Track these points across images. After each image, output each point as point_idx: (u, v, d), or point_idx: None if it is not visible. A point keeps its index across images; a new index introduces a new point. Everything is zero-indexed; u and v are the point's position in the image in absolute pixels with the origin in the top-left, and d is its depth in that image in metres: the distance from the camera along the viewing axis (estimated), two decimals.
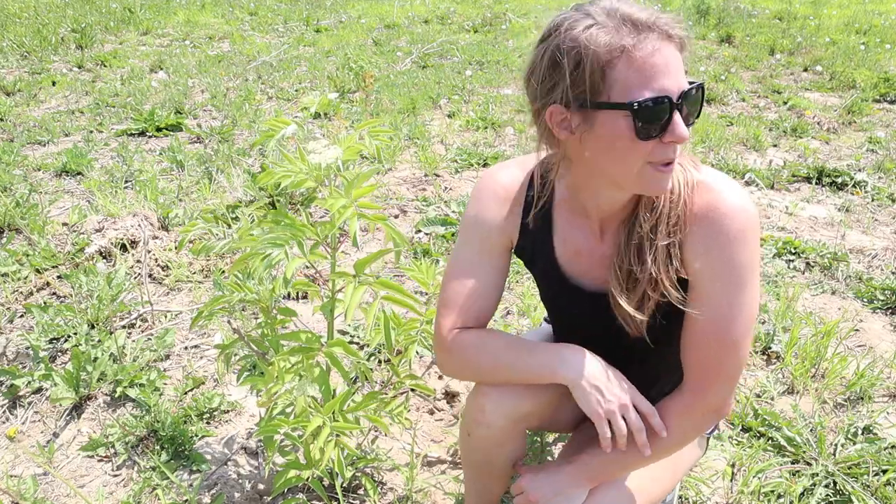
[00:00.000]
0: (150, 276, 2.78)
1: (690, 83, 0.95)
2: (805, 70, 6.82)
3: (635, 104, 0.91)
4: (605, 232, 1.15)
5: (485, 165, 4.08)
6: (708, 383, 1.10)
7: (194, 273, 2.81)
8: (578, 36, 0.93)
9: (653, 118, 0.92)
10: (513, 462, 1.36)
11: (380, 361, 2.25)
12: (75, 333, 2.29)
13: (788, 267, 2.92)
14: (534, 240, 1.21)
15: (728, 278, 1.03)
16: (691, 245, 1.04)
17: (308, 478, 1.47)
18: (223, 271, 2.77)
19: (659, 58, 0.91)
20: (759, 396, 2.11)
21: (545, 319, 1.62)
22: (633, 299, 1.10)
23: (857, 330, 2.49)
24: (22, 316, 2.51)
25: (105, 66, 6.98)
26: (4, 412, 2.05)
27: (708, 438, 1.40)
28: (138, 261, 2.83)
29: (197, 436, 1.93)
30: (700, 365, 1.10)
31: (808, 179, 3.93)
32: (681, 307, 1.09)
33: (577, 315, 1.25)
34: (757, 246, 1.03)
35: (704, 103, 0.93)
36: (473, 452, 1.36)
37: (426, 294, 1.61)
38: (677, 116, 0.93)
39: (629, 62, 0.91)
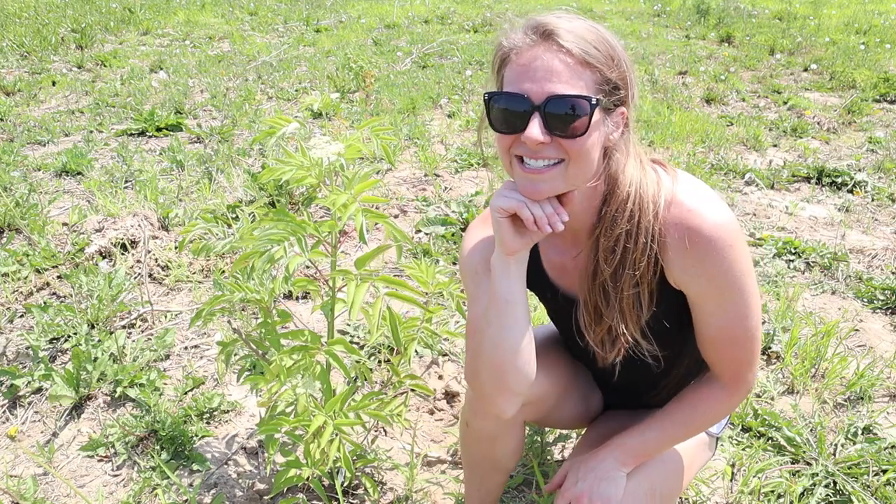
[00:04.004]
0: (150, 276, 2.78)
1: (578, 96, 0.94)
2: (805, 70, 6.82)
3: (486, 94, 1.01)
4: (578, 244, 1.16)
5: (485, 166, 4.08)
6: (741, 374, 1.15)
7: (194, 273, 2.81)
8: (498, 37, 1.03)
9: (505, 112, 0.99)
10: (511, 458, 1.36)
11: (379, 361, 2.24)
12: (75, 333, 2.28)
13: (788, 267, 2.92)
14: (529, 266, 1.20)
15: (732, 288, 1.05)
16: (682, 267, 1.05)
17: (308, 477, 1.47)
18: (223, 271, 2.77)
19: (533, 62, 0.96)
20: (759, 396, 2.11)
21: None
22: (599, 333, 1.13)
23: (857, 330, 2.49)
24: (22, 316, 2.51)
25: (105, 66, 6.98)
26: (4, 412, 2.05)
27: (717, 439, 1.40)
28: (138, 261, 2.83)
29: (197, 436, 1.93)
30: (728, 362, 1.14)
31: (808, 179, 3.93)
32: (644, 357, 1.13)
33: (575, 329, 1.25)
34: (746, 248, 1.05)
35: (592, 118, 0.95)
36: (472, 445, 1.37)
37: (426, 294, 1.61)
38: (535, 118, 0.95)
39: (514, 62, 0.99)
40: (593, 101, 0.95)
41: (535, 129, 0.95)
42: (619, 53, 0.99)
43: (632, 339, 1.11)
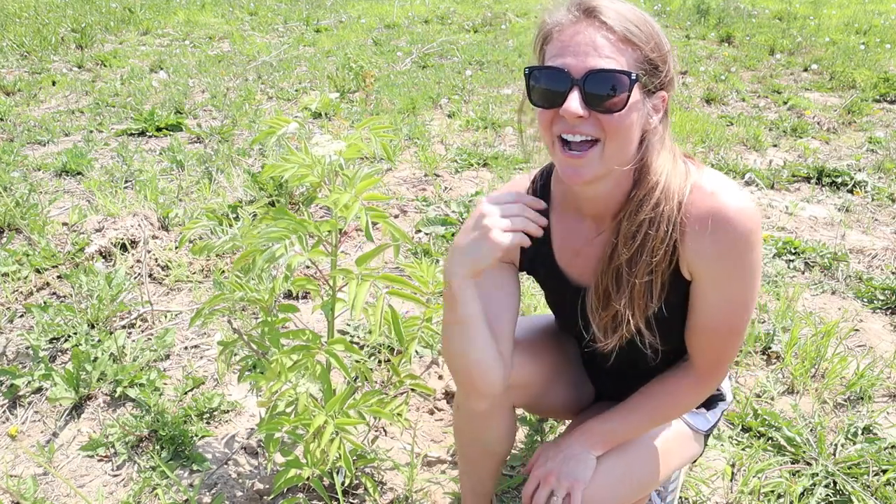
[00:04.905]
0: (150, 276, 2.78)
1: (618, 71, 0.96)
2: (805, 70, 6.82)
3: (527, 69, 1.01)
4: (600, 228, 1.17)
5: (485, 165, 4.08)
6: (718, 366, 1.16)
7: (194, 273, 2.81)
8: (541, 14, 1.04)
9: (544, 86, 0.99)
10: (501, 442, 1.38)
11: (380, 361, 2.24)
12: (75, 333, 2.28)
13: (788, 267, 2.92)
14: (535, 249, 1.22)
15: (741, 278, 1.06)
16: (697, 249, 1.06)
17: (308, 477, 1.47)
18: (223, 271, 2.77)
19: (574, 37, 0.97)
20: (759, 396, 2.11)
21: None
22: (604, 318, 1.14)
23: (857, 330, 2.49)
24: (22, 316, 2.51)
25: (105, 65, 6.98)
26: (4, 412, 2.05)
27: (706, 436, 1.40)
28: (138, 261, 2.83)
29: (197, 436, 1.93)
30: (711, 352, 1.15)
31: (808, 179, 3.93)
32: (642, 347, 1.15)
33: (580, 313, 1.26)
34: (761, 241, 1.06)
35: (631, 95, 0.97)
36: (464, 427, 1.38)
37: (426, 293, 1.61)
38: (574, 92, 0.96)
39: (555, 38, 1.00)
40: (633, 77, 0.96)
41: (574, 102, 0.96)
42: (661, 36, 1.01)
43: (635, 329, 1.12)
